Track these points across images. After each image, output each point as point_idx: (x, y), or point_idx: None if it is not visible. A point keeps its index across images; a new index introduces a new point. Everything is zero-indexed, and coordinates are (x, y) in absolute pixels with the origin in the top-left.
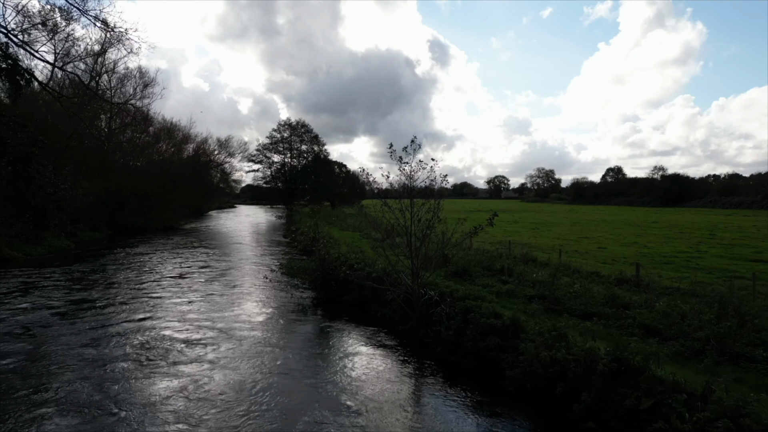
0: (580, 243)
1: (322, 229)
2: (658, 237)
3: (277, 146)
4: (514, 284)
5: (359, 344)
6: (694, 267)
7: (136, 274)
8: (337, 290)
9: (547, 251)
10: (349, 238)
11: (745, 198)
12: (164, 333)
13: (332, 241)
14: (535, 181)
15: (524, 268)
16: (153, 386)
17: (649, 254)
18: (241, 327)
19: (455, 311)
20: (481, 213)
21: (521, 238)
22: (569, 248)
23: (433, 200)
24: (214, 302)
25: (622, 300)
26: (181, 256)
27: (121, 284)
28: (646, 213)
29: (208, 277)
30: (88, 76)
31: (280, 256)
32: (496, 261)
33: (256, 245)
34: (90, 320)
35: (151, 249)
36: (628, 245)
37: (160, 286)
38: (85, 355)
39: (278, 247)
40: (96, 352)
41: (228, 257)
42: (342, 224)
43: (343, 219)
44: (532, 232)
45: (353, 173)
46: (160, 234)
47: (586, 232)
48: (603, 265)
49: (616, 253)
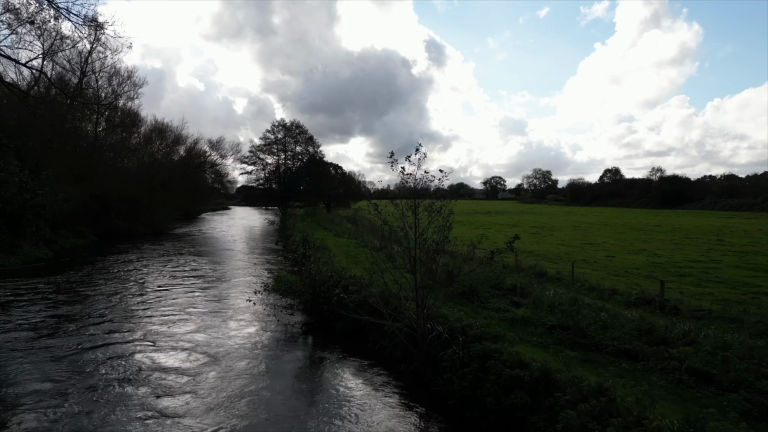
0: (586, 250)
1: (314, 235)
2: (665, 243)
3: (270, 147)
4: (530, 309)
5: (354, 384)
6: (714, 280)
7: (114, 288)
8: (330, 315)
9: (554, 260)
10: (344, 246)
11: (745, 200)
12: (138, 360)
13: (326, 253)
14: (532, 181)
15: (537, 287)
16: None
17: (661, 264)
18: (223, 355)
19: (470, 355)
20: (478, 215)
21: (524, 245)
22: (576, 256)
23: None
24: (195, 323)
25: (657, 331)
26: (167, 265)
27: (97, 300)
28: (646, 215)
29: (192, 291)
30: (72, 75)
31: (271, 265)
32: (505, 277)
33: (247, 253)
34: (57, 343)
35: (135, 257)
36: (636, 253)
37: (139, 302)
38: (49, 384)
39: (270, 255)
40: (61, 381)
41: (216, 267)
42: (337, 229)
43: (338, 223)
44: (534, 237)
45: (349, 174)
46: (148, 239)
47: (589, 237)
48: (616, 278)
49: (626, 262)
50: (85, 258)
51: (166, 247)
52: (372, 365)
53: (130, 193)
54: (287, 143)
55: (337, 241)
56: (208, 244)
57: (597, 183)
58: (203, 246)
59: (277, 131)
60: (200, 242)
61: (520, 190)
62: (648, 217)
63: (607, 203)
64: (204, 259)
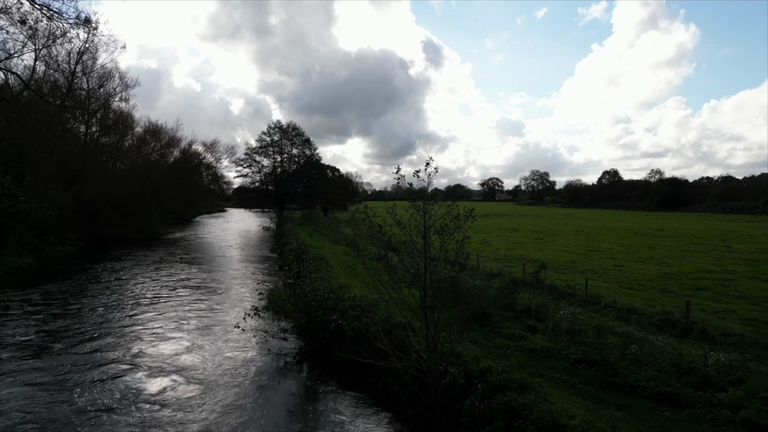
0: (592, 258)
1: (311, 242)
2: (671, 249)
3: (266, 150)
4: (548, 336)
5: (352, 429)
6: (733, 294)
7: (99, 301)
8: (326, 342)
9: (562, 270)
10: (341, 256)
11: (745, 203)
12: (121, 386)
13: (322, 265)
14: (530, 183)
15: (551, 305)
16: None
17: (673, 275)
18: (210, 382)
19: (492, 409)
20: (477, 218)
21: (527, 251)
22: (583, 265)
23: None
24: (183, 344)
25: (697, 368)
26: (157, 275)
27: (79, 314)
28: (646, 218)
29: (182, 305)
30: (62, 77)
31: (265, 276)
32: (516, 295)
33: (242, 261)
34: (34, 365)
35: (124, 265)
36: (645, 261)
37: (124, 317)
38: (17, 414)
39: (265, 264)
40: (32, 408)
41: (209, 277)
42: (334, 236)
43: (335, 228)
44: (536, 243)
45: (346, 176)
46: (139, 246)
47: (593, 242)
48: (630, 291)
49: (636, 273)
50: (70, 267)
51: (157, 255)
52: (373, 405)
53: (121, 197)
54: (283, 145)
55: (334, 249)
56: (201, 251)
57: (595, 185)
58: (196, 253)
59: (273, 133)
60: (193, 249)
61: (517, 192)
62: (649, 220)
63: (606, 205)
64: (196, 268)
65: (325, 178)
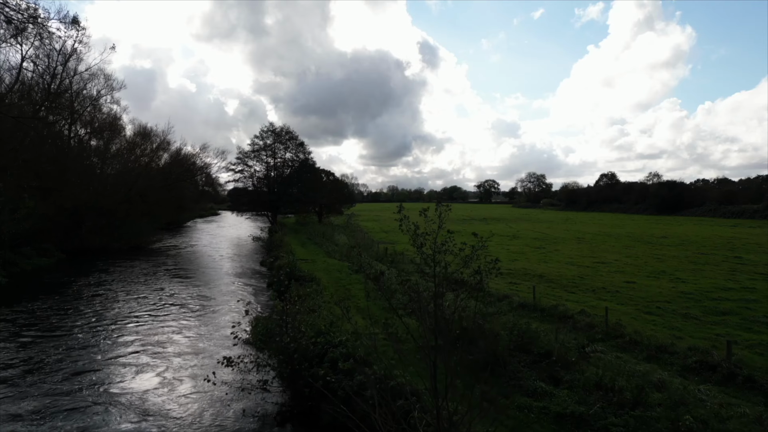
0: (600, 272)
1: (300, 253)
2: (681, 261)
3: (259, 154)
4: (576, 392)
5: None
6: (763, 321)
7: (70, 323)
8: (313, 402)
9: (571, 288)
10: (335, 272)
11: (746, 207)
12: None
13: (313, 287)
14: (526, 185)
15: (572, 343)
16: None
17: (690, 294)
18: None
19: None
20: (474, 222)
21: (530, 264)
22: (592, 282)
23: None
24: (155, 382)
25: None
26: (135, 293)
27: (46, 340)
28: (647, 223)
29: (159, 332)
30: (42, 81)
31: (253, 295)
32: (535, 334)
33: (230, 275)
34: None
35: (102, 280)
36: (656, 276)
37: (95, 344)
38: None
39: (254, 280)
40: None
41: (190, 298)
42: (328, 245)
43: (330, 236)
44: (539, 252)
45: (341, 179)
46: (123, 257)
47: (597, 252)
48: (649, 317)
49: (650, 291)
50: (45, 283)
51: (140, 268)
52: None
53: (105, 204)
54: (276, 149)
55: (327, 264)
56: (187, 264)
57: (593, 187)
58: (181, 266)
59: (266, 137)
60: (179, 260)
61: (514, 194)
62: (649, 224)
63: (604, 208)
64: (179, 285)
65: (319, 183)
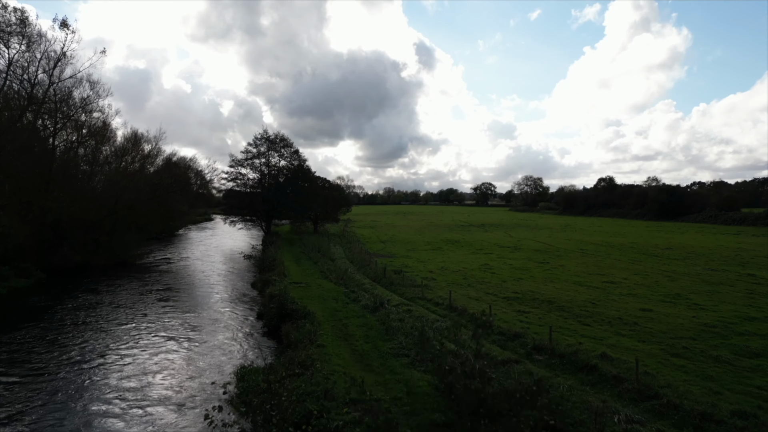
0: (611, 295)
1: (293, 273)
2: (693, 280)
3: (252, 162)
4: None
5: None
6: None
7: (45, 356)
8: None
9: (586, 320)
10: (331, 302)
11: (748, 214)
12: None
13: (306, 329)
14: (523, 188)
15: (598, 405)
16: None
17: (713, 327)
18: None
19: None
20: (472, 228)
21: (537, 285)
22: (605, 309)
23: None
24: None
25: None
26: (115, 320)
27: (15, 377)
28: (647, 230)
29: (135, 375)
30: (29, 83)
31: (239, 332)
32: (569, 410)
33: (217, 303)
34: None
35: (84, 304)
36: (672, 300)
37: (65, 391)
38: None
39: (242, 306)
40: None
41: (173, 329)
42: (323, 262)
43: (325, 250)
44: (543, 269)
45: (337, 184)
46: (107, 275)
47: (603, 268)
48: (678, 361)
49: (671, 322)
50: (24, 308)
51: (125, 290)
52: None
53: (90, 218)
54: (270, 157)
55: (322, 290)
56: (176, 285)
57: (591, 191)
58: (169, 287)
59: (260, 144)
60: (167, 280)
61: (510, 197)
62: (650, 232)
63: (602, 213)
64: (166, 312)
65: (314, 192)
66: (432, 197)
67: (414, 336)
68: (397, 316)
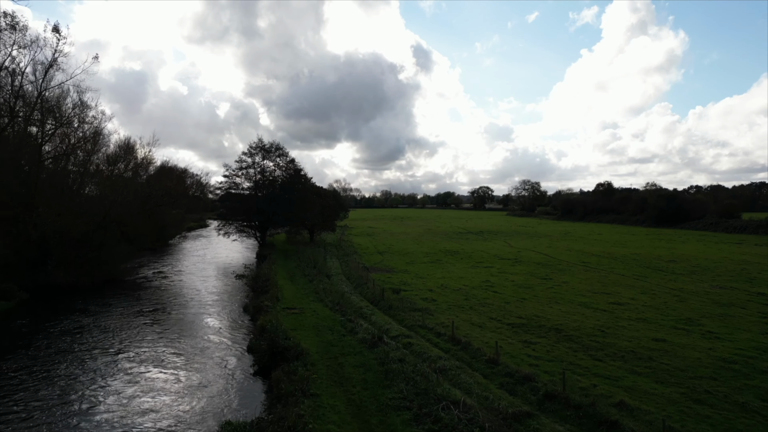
0: (620, 320)
1: (287, 294)
2: (702, 301)
3: (247, 171)
4: None
5: None
6: None
7: (20, 401)
8: None
9: (597, 354)
10: (326, 332)
11: (749, 222)
12: None
13: (298, 382)
14: (521, 193)
15: None
16: None
17: (733, 362)
18: None
19: None
20: (470, 237)
21: (540, 305)
22: (616, 340)
23: None
24: None
25: None
26: (103, 349)
27: None
28: (647, 238)
29: (117, 419)
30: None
31: (228, 367)
32: None
33: (206, 329)
34: None
35: (69, 329)
36: (685, 328)
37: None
38: None
39: (233, 334)
40: None
41: (159, 360)
42: (319, 280)
43: (321, 266)
44: (546, 286)
45: (334, 191)
46: (95, 295)
47: (608, 285)
48: (701, 409)
49: (687, 357)
50: (3, 333)
51: (113, 312)
52: None
53: (77, 233)
54: (265, 167)
55: (317, 317)
56: (165, 306)
57: (589, 196)
58: (158, 308)
59: (255, 153)
60: (156, 300)
61: (508, 200)
62: (651, 241)
63: (601, 219)
64: (153, 340)
65: (310, 202)
66: (429, 200)
67: (416, 381)
68: (398, 355)
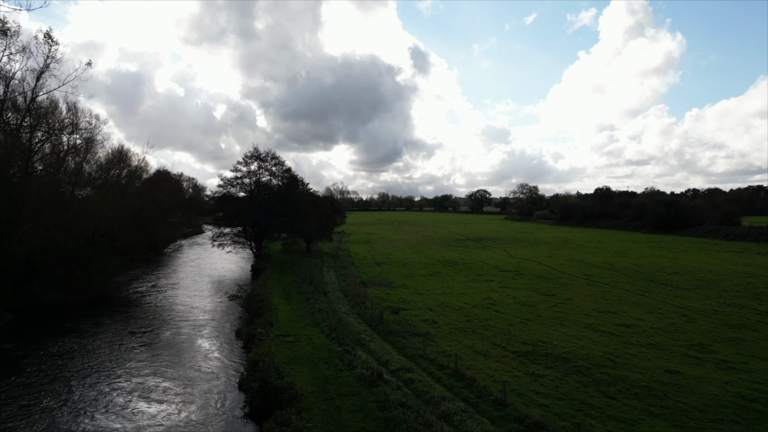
0: (629, 345)
1: (281, 316)
2: (712, 323)
3: (242, 180)
4: None
5: None
6: None
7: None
8: None
9: (608, 389)
10: (322, 366)
11: (750, 229)
12: None
13: (291, 422)
14: (518, 196)
15: None
16: None
17: (755, 401)
18: None
19: None
20: (469, 245)
21: (545, 328)
22: (628, 371)
23: None
24: None
25: None
26: (89, 377)
27: None
28: (648, 246)
29: None
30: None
31: (215, 406)
32: None
33: (196, 355)
34: None
35: (55, 353)
36: (698, 357)
37: None
38: None
39: (224, 363)
40: None
41: (146, 391)
42: (315, 302)
43: (318, 280)
44: (549, 304)
45: (330, 197)
46: (83, 314)
47: (613, 303)
48: None
49: (704, 394)
50: None
51: (101, 334)
52: None
53: (65, 249)
54: (261, 176)
55: (312, 347)
56: (154, 327)
57: (587, 200)
58: (147, 329)
59: (250, 162)
60: (145, 320)
61: (506, 204)
62: (652, 249)
63: (600, 224)
64: (140, 367)
65: (307, 213)
66: (427, 203)
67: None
68: (399, 396)
